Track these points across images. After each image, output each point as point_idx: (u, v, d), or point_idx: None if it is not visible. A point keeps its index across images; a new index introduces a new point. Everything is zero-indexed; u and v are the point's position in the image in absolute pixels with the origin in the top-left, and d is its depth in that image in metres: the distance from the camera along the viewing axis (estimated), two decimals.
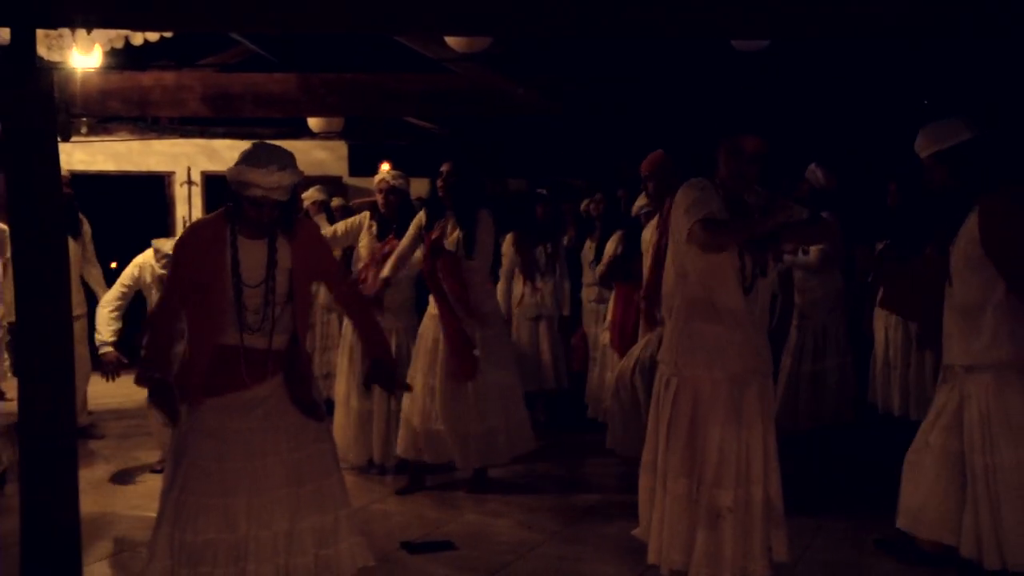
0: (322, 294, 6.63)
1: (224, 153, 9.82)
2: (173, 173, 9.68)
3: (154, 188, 9.95)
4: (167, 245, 5.46)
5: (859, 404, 6.34)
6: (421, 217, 5.48)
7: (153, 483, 5.77)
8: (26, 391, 3.76)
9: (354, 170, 11.17)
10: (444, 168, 5.38)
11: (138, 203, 9.80)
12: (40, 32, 4.09)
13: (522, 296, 7.32)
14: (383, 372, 3.69)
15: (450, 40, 6.07)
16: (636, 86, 7.57)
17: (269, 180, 3.30)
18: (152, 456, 6.16)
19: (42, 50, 5.65)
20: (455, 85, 7.37)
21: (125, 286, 5.65)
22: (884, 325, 6.12)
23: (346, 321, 5.94)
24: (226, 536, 3.31)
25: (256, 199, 3.33)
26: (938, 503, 3.80)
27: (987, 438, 3.66)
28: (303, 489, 3.41)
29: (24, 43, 3.71)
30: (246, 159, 3.38)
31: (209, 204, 9.67)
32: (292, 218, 3.52)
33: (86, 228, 6.65)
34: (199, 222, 3.63)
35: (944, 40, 5.40)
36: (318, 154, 10.00)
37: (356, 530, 3.51)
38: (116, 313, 5.58)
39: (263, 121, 9.28)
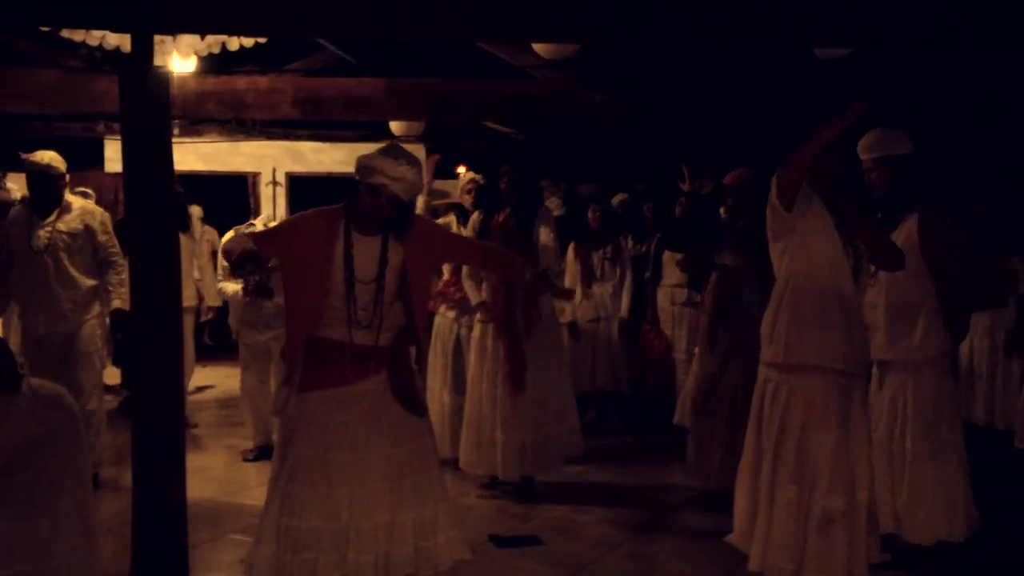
0: None
1: (308, 155, 10.04)
2: (259, 174, 9.92)
3: (240, 188, 10.24)
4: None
5: None
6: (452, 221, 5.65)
7: (245, 471, 6.00)
8: (138, 380, 3.94)
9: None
10: (505, 168, 5.50)
11: (225, 202, 10.07)
12: None
13: (580, 299, 7.41)
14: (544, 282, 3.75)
15: (537, 47, 6.16)
16: (715, 94, 7.58)
17: (395, 170, 3.39)
18: (244, 445, 6.38)
19: None
20: (537, 91, 7.46)
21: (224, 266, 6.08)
22: (969, 333, 6.06)
23: (437, 319, 6.06)
24: (329, 525, 3.40)
25: (376, 187, 3.41)
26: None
27: (903, 427, 4.11)
28: (404, 482, 3.49)
29: (143, 48, 3.90)
30: (381, 150, 3.49)
31: (293, 205, 9.89)
32: (407, 222, 3.56)
33: (196, 224, 6.89)
34: (317, 209, 3.61)
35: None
36: None
37: (454, 524, 3.57)
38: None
39: (347, 124, 9.47)
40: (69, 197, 5.55)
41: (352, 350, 3.48)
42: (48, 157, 5.40)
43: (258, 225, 6.12)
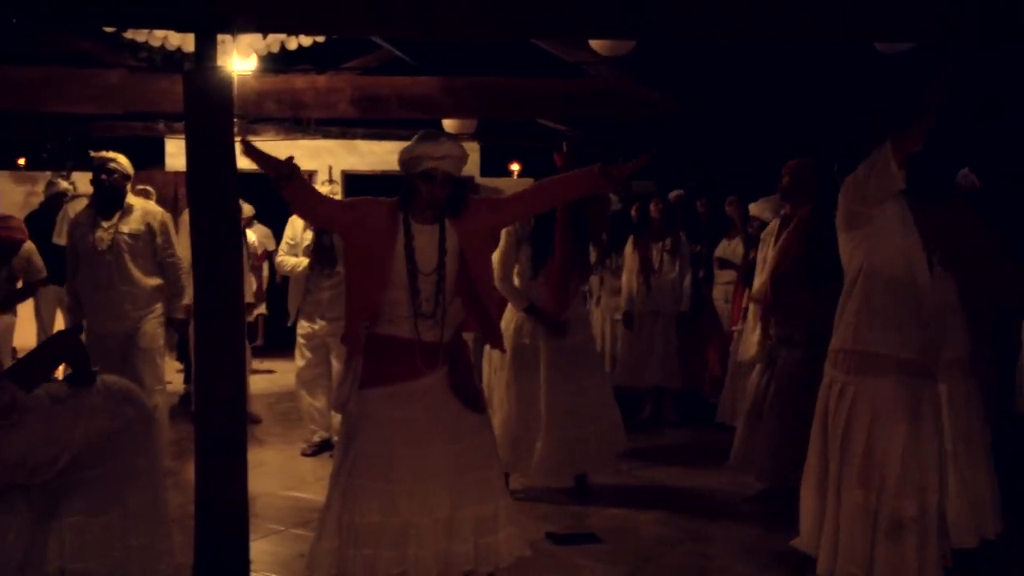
0: None
1: (363, 150, 10.13)
2: (315, 172, 10.03)
3: None
4: None
5: (1006, 414, 6.15)
6: None
7: (303, 466, 6.06)
8: (201, 376, 3.98)
9: (485, 170, 11.38)
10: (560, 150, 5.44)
11: (281, 200, 10.18)
12: None
13: (638, 292, 7.39)
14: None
15: (593, 44, 6.13)
16: (771, 90, 7.50)
17: (440, 150, 3.43)
18: (302, 439, 6.44)
19: None
20: (591, 88, 7.43)
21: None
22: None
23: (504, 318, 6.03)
24: (390, 520, 3.42)
25: (429, 171, 3.43)
26: None
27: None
28: (464, 478, 3.50)
29: (207, 48, 3.94)
30: (417, 139, 3.51)
31: None
32: (464, 199, 3.59)
33: (255, 224, 7.00)
34: (377, 199, 3.62)
35: None
36: None
37: (514, 520, 3.58)
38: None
39: (401, 122, 9.52)
40: (131, 199, 5.68)
41: (419, 346, 3.49)
42: (115, 155, 5.56)
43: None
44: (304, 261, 6.17)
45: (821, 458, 3.64)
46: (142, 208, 5.68)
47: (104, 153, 5.58)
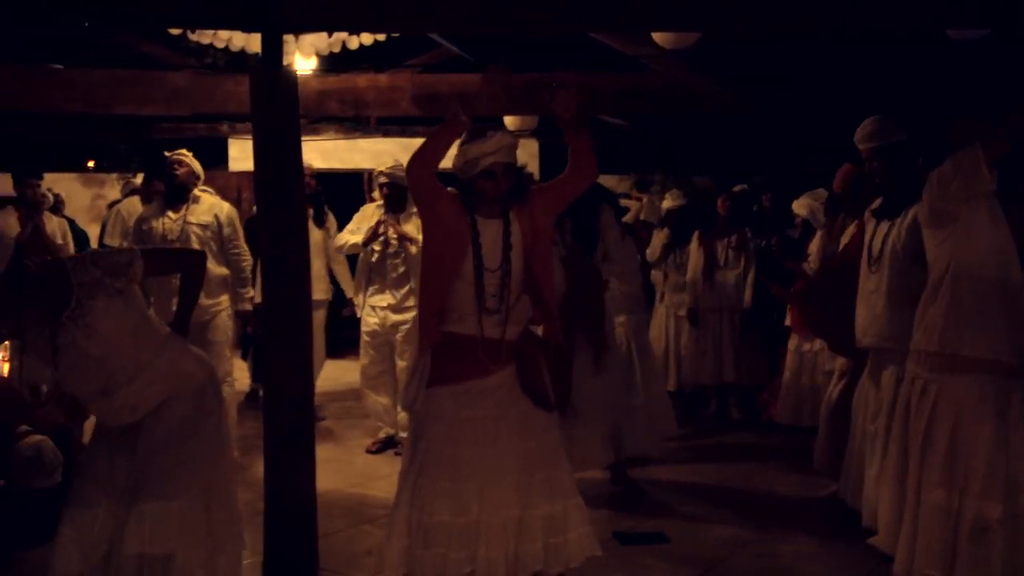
0: None
1: None
2: (375, 170, 10.05)
3: (357, 184, 10.42)
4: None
5: None
6: None
7: (370, 463, 6.09)
8: (269, 374, 4.02)
9: (544, 167, 11.33)
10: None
11: (344, 197, 10.25)
12: None
13: (702, 288, 7.32)
14: None
15: (656, 37, 6.06)
16: (835, 81, 7.37)
17: (492, 144, 3.41)
18: (368, 436, 6.47)
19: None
20: (652, 83, 7.36)
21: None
22: None
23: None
24: (459, 520, 3.40)
25: (488, 169, 3.42)
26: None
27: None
28: (533, 478, 3.47)
29: (273, 48, 3.98)
30: (464, 140, 3.48)
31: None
32: (526, 188, 3.58)
33: (331, 221, 7.06)
34: (453, 193, 3.57)
35: None
36: None
37: (584, 520, 3.53)
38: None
39: None
40: (199, 192, 5.83)
41: (483, 343, 3.47)
42: (186, 152, 5.80)
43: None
44: (356, 238, 6.23)
45: (900, 456, 3.54)
46: (210, 201, 5.86)
47: (176, 152, 5.80)
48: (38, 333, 3.14)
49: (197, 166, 5.82)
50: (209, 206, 5.81)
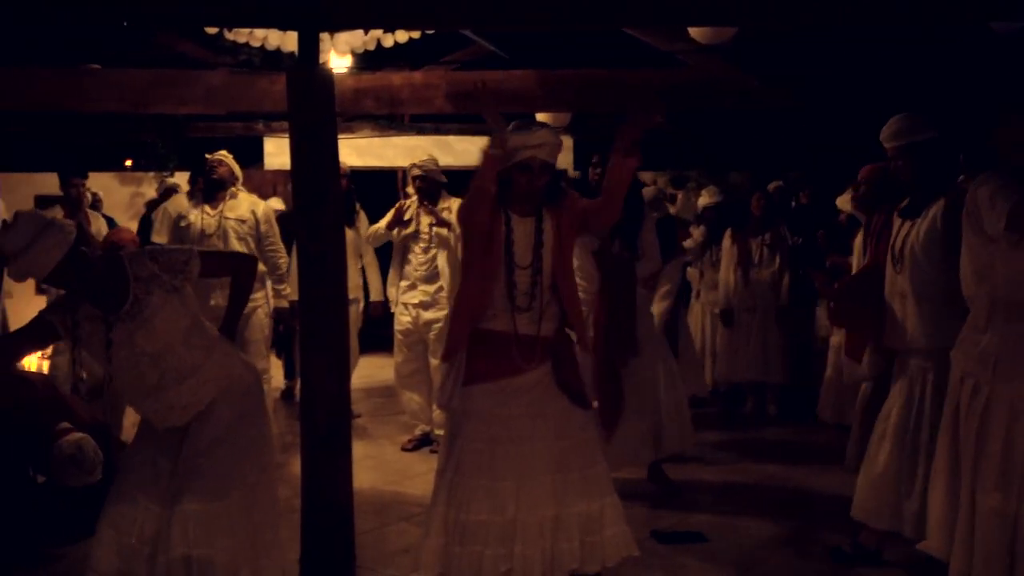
0: None
1: (456, 147, 10.14)
2: (410, 168, 10.07)
3: (391, 181, 10.48)
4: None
5: None
6: None
7: (405, 460, 6.10)
8: (305, 372, 4.02)
9: (579, 164, 11.30)
10: (597, 158, 5.28)
11: (378, 195, 10.30)
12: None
13: (736, 286, 7.24)
14: None
15: (693, 32, 6.01)
16: (875, 75, 7.28)
17: (533, 138, 3.41)
18: (403, 433, 6.49)
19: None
20: (688, 78, 7.29)
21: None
22: None
23: None
24: (496, 518, 3.39)
25: (525, 162, 3.43)
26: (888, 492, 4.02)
27: (919, 419, 3.92)
28: (569, 476, 3.45)
29: (310, 46, 3.97)
30: (510, 130, 3.47)
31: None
32: (561, 189, 3.60)
33: (363, 219, 7.10)
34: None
35: None
36: None
37: (621, 519, 3.51)
38: None
39: None
40: (236, 189, 5.96)
41: (517, 340, 3.47)
42: (226, 154, 5.99)
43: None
44: (382, 224, 6.30)
45: (951, 458, 3.45)
46: (248, 198, 5.99)
47: (216, 153, 5.98)
48: (93, 329, 3.15)
49: (236, 167, 5.97)
50: (247, 203, 5.91)
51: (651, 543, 4.43)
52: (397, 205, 6.31)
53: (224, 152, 5.96)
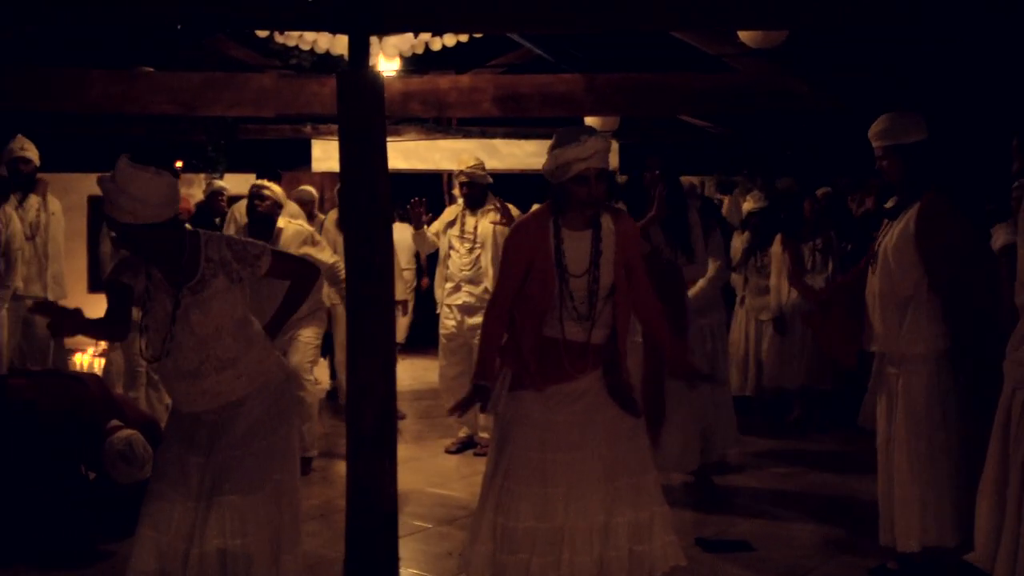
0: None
1: (503, 150, 10.15)
2: (456, 170, 10.10)
3: (436, 183, 10.52)
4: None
5: None
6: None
7: (448, 463, 6.12)
8: (353, 373, 4.03)
9: (625, 168, 11.26)
10: (652, 160, 5.23)
11: (424, 197, 10.34)
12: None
13: (788, 292, 7.18)
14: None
15: (743, 35, 5.95)
16: (931, 81, 7.16)
17: (586, 149, 3.36)
18: (446, 436, 6.51)
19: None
20: (737, 82, 7.23)
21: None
22: None
23: None
24: (544, 525, 3.37)
25: (581, 174, 3.38)
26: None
27: (900, 422, 3.94)
28: (619, 484, 3.42)
29: (361, 49, 3.99)
30: (557, 144, 3.44)
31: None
32: (613, 189, 3.58)
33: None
34: (527, 217, 3.70)
35: None
36: None
37: (670, 528, 3.47)
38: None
39: (540, 121, 9.51)
40: (282, 221, 5.76)
41: (566, 346, 3.45)
42: (269, 184, 5.85)
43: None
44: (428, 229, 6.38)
45: (1000, 469, 3.38)
46: (293, 230, 5.77)
47: (260, 181, 5.87)
48: (159, 298, 3.24)
49: (280, 195, 5.77)
50: (294, 235, 5.73)
51: (696, 551, 4.40)
52: (412, 200, 6.38)
53: (267, 183, 5.79)
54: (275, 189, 5.77)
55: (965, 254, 3.89)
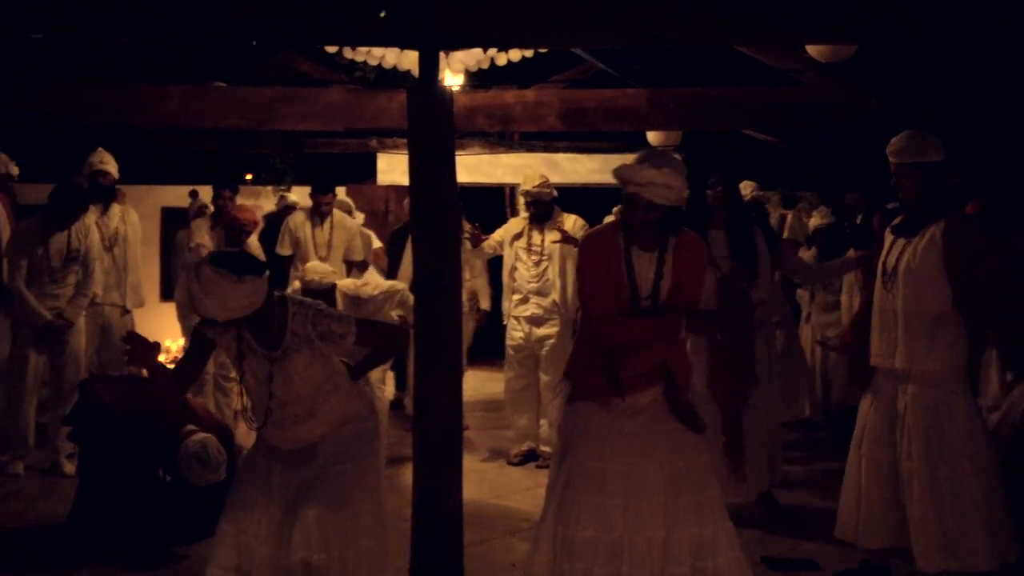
0: None
1: (564, 165, 10.19)
2: (518, 185, 10.16)
3: (499, 197, 10.60)
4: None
5: None
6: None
7: (511, 474, 6.14)
8: (421, 385, 4.08)
9: (689, 182, 11.21)
10: (715, 177, 5.25)
11: (486, 210, 10.42)
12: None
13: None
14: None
15: (811, 50, 5.93)
16: (1002, 97, 7.03)
17: (640, 176, 3.35)
18: (509, 447, 6.53)
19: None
20: (802, 97, 7.17)
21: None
22: None
23: None
24: (604, 535, 3.38)
25: (629, 196, 3.41)
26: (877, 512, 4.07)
27: (918, 444, 3.91)
28: (681, 499, 3.41)
29: (430, 64, 4.06)
30: (636, 159, 3.46)
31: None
32: (675, 229, 3.52)
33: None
34: (595, 231, 3.73)
35: None
36: None
37: (735, 545, 3.45)
38: None
39: (604, 135, 9.53)
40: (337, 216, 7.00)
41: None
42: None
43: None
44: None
45: None
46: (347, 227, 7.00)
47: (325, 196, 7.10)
48: (255, 363, 3.32)
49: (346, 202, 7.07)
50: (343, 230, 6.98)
51: (763, 568, 4.36)
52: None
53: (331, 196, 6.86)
54: (340, 197, 6.50)
55: (993, 268, 3.94)
